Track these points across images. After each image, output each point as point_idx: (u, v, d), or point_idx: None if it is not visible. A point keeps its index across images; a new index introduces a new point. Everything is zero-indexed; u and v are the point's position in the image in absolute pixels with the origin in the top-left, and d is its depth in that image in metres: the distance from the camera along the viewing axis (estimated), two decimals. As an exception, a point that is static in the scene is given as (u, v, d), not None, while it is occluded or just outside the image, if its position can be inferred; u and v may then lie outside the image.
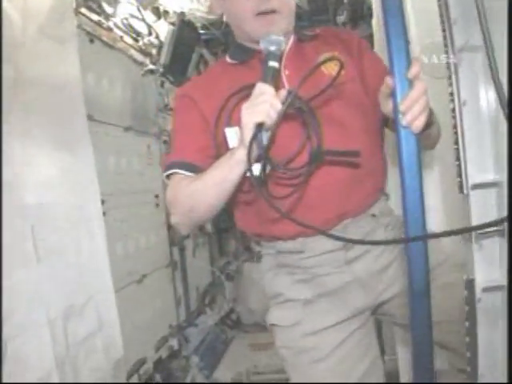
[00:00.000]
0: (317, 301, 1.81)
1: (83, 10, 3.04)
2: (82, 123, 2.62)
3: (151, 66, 4.01)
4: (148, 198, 3.89)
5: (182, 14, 4.10)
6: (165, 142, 4.25)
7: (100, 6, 3.20)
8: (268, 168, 1.55)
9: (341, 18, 3.89)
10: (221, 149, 1.70)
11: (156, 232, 3.96)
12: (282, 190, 1.67)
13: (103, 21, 3.28)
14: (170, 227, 4.12)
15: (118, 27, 3.53)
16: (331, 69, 1.71)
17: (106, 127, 3.26)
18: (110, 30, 3.38)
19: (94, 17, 3.18)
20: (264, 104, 1.46)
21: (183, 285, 4.43)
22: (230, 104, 1.68)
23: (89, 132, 2.66)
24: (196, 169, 1.69)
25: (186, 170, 1.71)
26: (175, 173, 1.73)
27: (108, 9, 3.33)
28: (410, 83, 1.33)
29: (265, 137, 1.50)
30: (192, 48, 4.47)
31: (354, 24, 3.82)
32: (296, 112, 1.62)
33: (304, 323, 1.80)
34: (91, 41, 3.15)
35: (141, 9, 3.69)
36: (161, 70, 4.04)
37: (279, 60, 1.60)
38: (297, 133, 1.66)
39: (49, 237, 2.31)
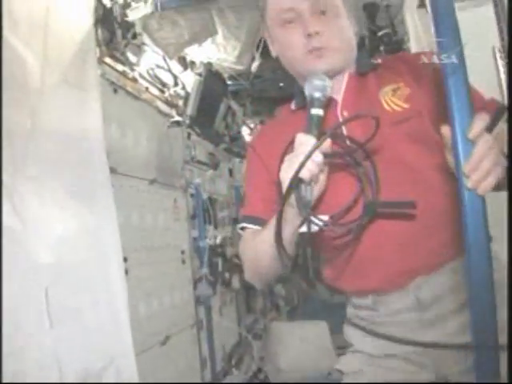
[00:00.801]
0: (384, 358, 1.64)
1: (107, 60, 2.94)
2: (104, 176, 2.48)
3: (177, 118, 3.87)
4: (174, 254, 3.73)
5: (209, 64, 3.98)
6: (192, 195, 4.07)
7: (124, 55, 3.06)
8: (314, 226, 1.39)
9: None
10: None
11: (181, 290, 3.78)
12: (337, 245, 1.53)
13: (128, 71, 3.17)
14: (195, 284, 3.95)
15: (143, 77, 3.42)
16: (393, 103, 1.55)
17: (130, 180, 3.14)
18: (134, 80, 3.27)
19: (119, 67, 3.08)
20: (301, 156, 1.33)
21: (209, 345, 4.22)
22: None
23: (111, 185, 2.54)
24: (263, 222, 1.61)
25: (254, 224, 1.66)
26: (244, 227, 1.70)
27: (133, 58, 3.21)
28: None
29: (308, 192, 1.36)
30: (219, 99, 4.34)
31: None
32: (348, 159, 1.48)
33: (367, 373, 1.67)
34: (115, 91, 3.06)
35: (166, 59, 3.56)
36: (187, 121, 3.90)
37: (324, 106, 1.45)
38: (349, 184, 1.50)
39: (65, 298, 2.14)
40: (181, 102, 3.93)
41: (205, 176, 4.48)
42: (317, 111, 1.42)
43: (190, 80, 4.00)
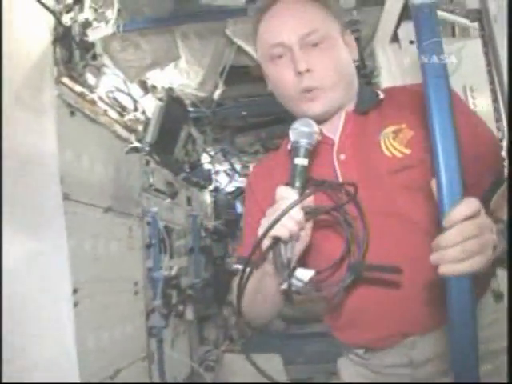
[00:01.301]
0: None
1: (65, 80, 2.79)
2: (56, 203, 2.40)
3: (136, 144, 3.71)
4: (126, 285, 3.57)
5: (171, 89, 3.85)
6: (148, 223, 3.91)
7: (83, 76, 2.91)
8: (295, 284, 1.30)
9: None
10: None
11: (133, 322, 3.61)
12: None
13: (86, 92, 3.02)
14: (148, 316, 3.81)
15: (102, 100, 3.27)
16: (393, 147, 1.40)
17: (84, 207, 2.97)
18: (93, 102, 3.12)
19: (77, 88, 2.93)
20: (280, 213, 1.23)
21: (160, 378, 4.04)
22: None
23: (64, 213, 2.43)
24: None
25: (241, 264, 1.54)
26: (236, 268, 1.57)
27: (92, 80, 3.05)
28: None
29: (288, 250, 1.27)
30: (180, 126, 4.20)
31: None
32: (336, 215, 1.36)
33: None
34: (72, 113, 2.91)
35: (127, 82, 3.41)
36: (146, 148, 3.73)
37: (309, 156, 1.33)
38: (336, 239, 1.38)
39: (12, 332, 2.06)
40: (140, 127, 3.78)
41: (162, 204, 4.33)
42: (301, 161, 1.31)
43: (150, 105, 3.85)
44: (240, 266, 1.51)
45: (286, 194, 1.27)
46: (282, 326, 7.19)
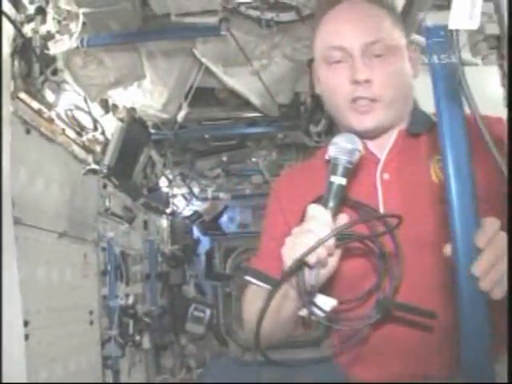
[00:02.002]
0: None
1: (22, 95, 2.58)
2: (7, 227, 2.15)
3: (94, 166, 3.48)
4: (81, 314, 3.36)
5: (133, 109, 3.64)
6: (103, 249, 3.67)
7: (42, 92, 2.69)
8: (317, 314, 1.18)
9: (316, 128, 3.45)
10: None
11: (88, 353, 3.40)
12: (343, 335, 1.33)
13: (44, 110, 2.81)
14: (103, 345, 3.62)
15: (61, 118, 3.06)
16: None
17: (37, 232, 2.77)
18: (50, 120, 2.92)
19: (34, 104, 2.72)
20: (309, 235, 1.12)
21: (116, 411, 3.87)
22: None
23: (14, 238, 2.23)
24: (269, 280, 1.39)
25: (259, 280, 1.44)
26: (249, 281, 1.48)
27: (50, 96, 2.83)
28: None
29: (313, 276, 1.14)
30: (140, 149, 3.99)
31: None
32: (370, 245, 1.24)
33: None
34: (28, 131, 2.71)
35: (88, 100, 3.19)
36: (104, 170, 3.50)
37: (348, 175, 1.20)
38: (364, 268, 1.27)
39: None
40: (99, 149, 3.55)
41: (118, 229, 4.09)
42: (338, 180, 1.18)
43: (110, 125, 3.63)
44: (253, 280, 1.44)
45: (318, 215, 1.15)
46: (239, 353, 7.03)
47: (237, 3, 2.58)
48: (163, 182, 5.14)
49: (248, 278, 1.48)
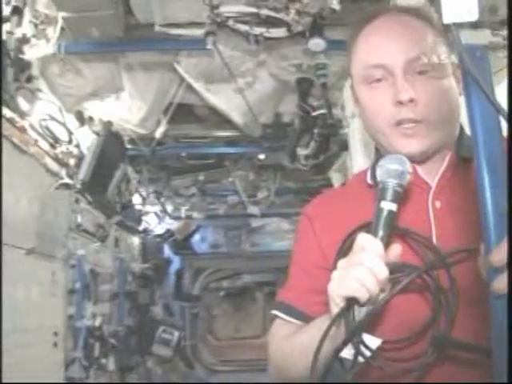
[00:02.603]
0: None
1: (-7, 103, 2.40)
2: None
3: (67, 180, 3.29)
4: (46, 336, 3.18)
5: (110, 123, 3.47)
6: (73, 266, 3.48)
7: (15, 100, 2.52)
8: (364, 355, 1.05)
9: (304, 151, 3.30)
10: None
11: (51, 376, 3.20)
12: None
13: (17, 119, 2.64)
14: (67, 366, 3.44)
15: (34, 129, 2.89)
16: None
17: (4, 248, 2.59)
18: (23, 130, 2.75)
19: (7, 112, 2.54)
20: (360, 268, 1.00)
21: None
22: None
23: None
24: (300, 315, 1.30)
25: (288, 315, 1.32)
26: (277, 315, 1.35)
27: (24, 105, 2.65)
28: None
29: (361, 312, 1.03)
30: (116, 164, 3.81)
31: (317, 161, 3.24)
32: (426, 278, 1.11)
33: None
34: None
35: (63, 110, 3.01)
36: (78, 185, 3.32)
37: (398, 200, 1.09)
38: (416, 304, 1.12)
39: None
40: (73, 162, 3.37)
41: (88, 246, 3.89)
42: (389, 205, 1.07)
43: (85, 138, 3.46)
44: (284, 315, 1.33)
45: (369, 245, 1.03)
46: (205, 374, 6.85)
47: (225, 17, 2.44)
48: (136, 199, 4.97)
49: (278, 313, 1.36)
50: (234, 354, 8.19)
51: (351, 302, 1.01)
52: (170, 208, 5.77)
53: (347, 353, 1.05)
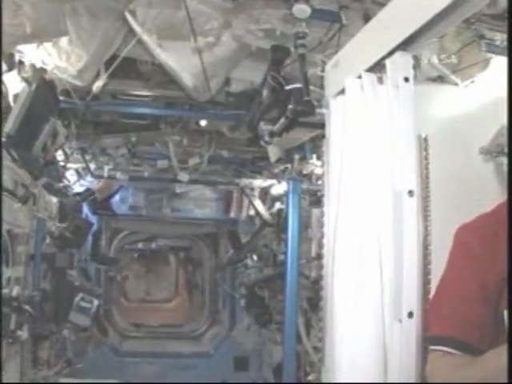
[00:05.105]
0: None
1: None
2: None
3: (-10, 132, 2.78)
4: None
5: (43, 70, 2.97)
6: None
7: None
8: None
9: (270, 127, 2.91)
10: (501, 327, 1.27)
11: None
12: None
13: None
14: None
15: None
16: None
17: None
18: None
19: None
20: None
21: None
22: None
23: None
24: (465, 347, 1.32)
25: (452, 348, 1.34)
26: (438, 349, 1.37)
27: None
28: None
29: None
30: (46, 117, 3.30)
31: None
32: None
33: None
34: None
35: (-7, 52, 2.52)
36: (3, 139, 2.81)
37: None
38: None
39: None
40: (-4, 112, 2.85)
41: (6, 204, 3.38)
42: None
43: (12, 85, 2.94)
44: (454, 351, 1.33)
45: None
46: (118, 343, 6.54)
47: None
48: (60, 156, 4.46)
49: (448, 349, 1.35)
50: (145, 317, 7.90)
51: None
52: (92, 166, 5.27)
53: None
